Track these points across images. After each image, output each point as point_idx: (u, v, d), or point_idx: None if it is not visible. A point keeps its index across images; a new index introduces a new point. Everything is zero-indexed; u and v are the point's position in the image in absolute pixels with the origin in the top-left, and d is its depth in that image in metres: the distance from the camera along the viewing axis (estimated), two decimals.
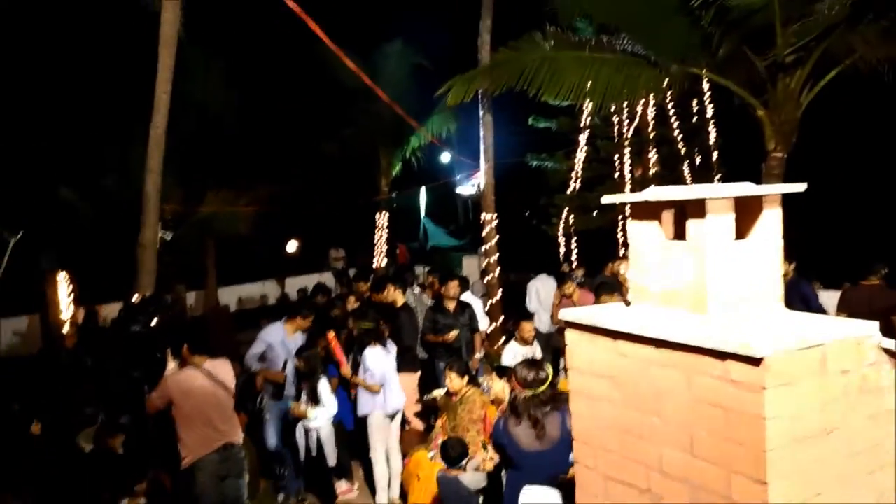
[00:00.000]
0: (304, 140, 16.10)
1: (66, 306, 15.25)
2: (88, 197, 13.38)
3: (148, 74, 9.80)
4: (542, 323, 9.58)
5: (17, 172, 14.09)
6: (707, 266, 2.19)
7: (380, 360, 6.67)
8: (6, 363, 13.48)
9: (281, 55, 15.46)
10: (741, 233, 2.27)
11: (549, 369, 4.32)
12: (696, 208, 2.20)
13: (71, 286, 15.33)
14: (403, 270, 11.81)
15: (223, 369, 5.60)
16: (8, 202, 14.08)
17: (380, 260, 17.77)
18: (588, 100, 8.93)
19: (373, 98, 12.41)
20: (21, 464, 5.85)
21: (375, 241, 18.09)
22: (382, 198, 18.15)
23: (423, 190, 23.83)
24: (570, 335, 2.56)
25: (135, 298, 9.03)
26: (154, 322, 7.01)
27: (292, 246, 20.70)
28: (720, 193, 2.19)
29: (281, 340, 7.11)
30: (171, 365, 5.67)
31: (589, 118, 14.72)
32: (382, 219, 18.28)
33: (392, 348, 6.96)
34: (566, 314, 2.56)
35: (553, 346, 9.12)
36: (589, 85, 8.10)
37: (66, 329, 14.72)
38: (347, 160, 17.04)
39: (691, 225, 2.24)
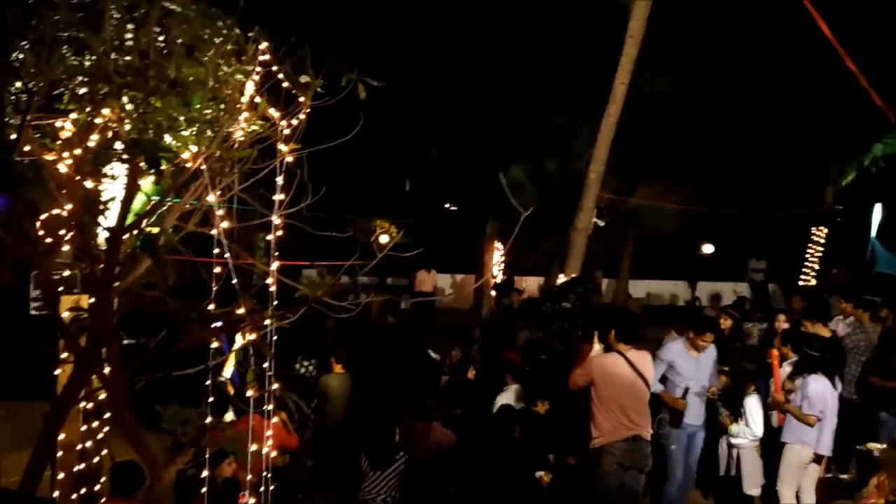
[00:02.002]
0: (737, 138, 15.01)
1: (496, 271, 17.29)
2: (533, 177, 14.70)
3: (604, 63, 10.18)
4: None
5: (477, 149, 16.17)
6: None
7: (824, 392, 5.93)
8: (449, 312, 15.86)
9: (737, 47, 14.50)
10: None
11: None
12: None
13: (503, 255, 17.29)
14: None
15: (645, 361, 5.69)
16: (468, 176, 16.40)
17: (809, 279, 15.74)
18: None
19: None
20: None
21: (808, 258, 16.05)
22: (826, 210, 15.98)
23: (877, 207, 20.20)
24: None
25: (561, 277, 9.60)
26: (580, 302, 7.30)
27: (708, 248, 19.77)
28: None
29: (684, 359, 6.31)
30: (597, 347, 5.89)
31: None
32: (820, 234, 16.11)
33: (839, 385, 6.09)
34: None
35: None
36: None
37: (492, 291, 16.67)
38: (787, 164, 15.37)
39: None
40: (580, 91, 13.16)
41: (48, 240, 3.17)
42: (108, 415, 3.78)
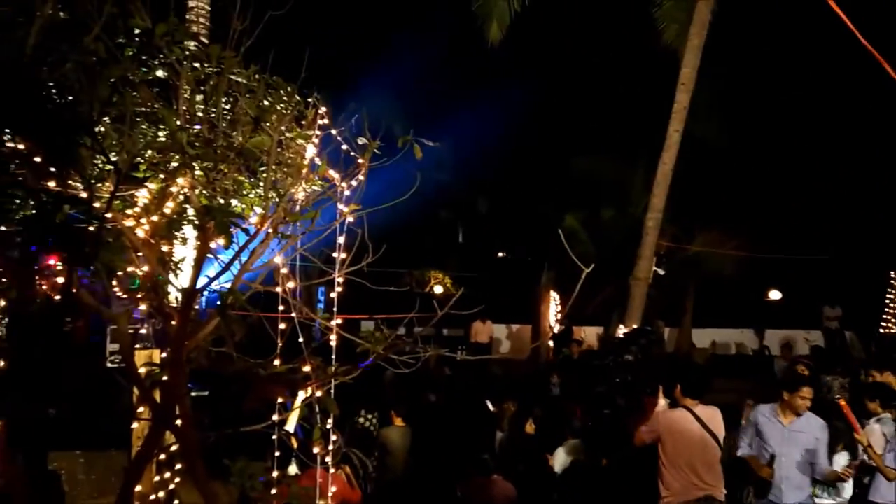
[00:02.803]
0: (807, 180, 14.64)
1: (552, 321, 17.14)
2: (588, 225, 14.65)
3: (657, 111, 10.20)
4: None
5: (530, 199, 16.23)
6: None
7: None
8: (504, 362, 15.72)
9: (800, 89, 14.29)
10: None
11: None
12: None
13: (559, 306, 17.14)
14: None
15: (714, 417, 5.41)
16: (524, 225, 16.46)
17: (891, 326, 14.98)
18: None
19: None
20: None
21: (888, 304, 15.32)
22: None
23: None
24: None
25: (621, 328, 9.43)
26: (642, 354, 7.14)
27: (775, 294, 19.11)
28: None
29: (770, 424, 5.59)
30: (662, 402, 5.67)
31: None
32: None
33: None
34: None
35: None
36: None
37: (549, 342, 16.48)
38: (860, 206, 14.86)
39: None
40: (634, 138, 13.17)
41: (124, 299, 3.36)
42: (179, 466, 3.88)
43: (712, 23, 9.89)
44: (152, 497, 3.90)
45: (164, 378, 3.40)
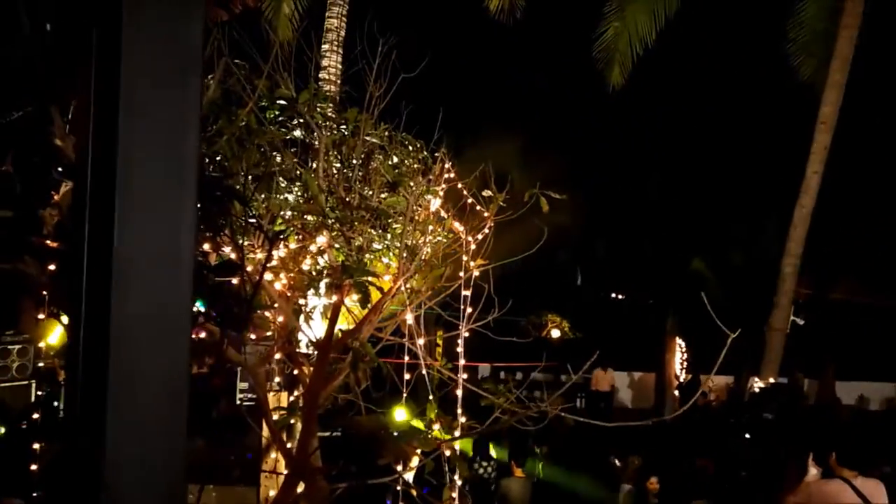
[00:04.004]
0: None
1: (678, 370, 16.31)
2: (717, 270, 13.92)
3: (790, 151, 9.62)
4: None
5: (656, 243, 15.68)
6: None
7: None
8: (627, 413, 15.08)
9: None
10: None
11: None
12: None
13: (685, 353, 16.30)
14: None
15: (878, 492, 4.76)
16: (646, 268, 15.89)
17: None
18: None
19: None
20: None
21: None
22: None
23: None
24: None
25: (756, 381, 8.81)
26: (784, 413, 6.60)
27: None
28: None
29: None
30: (813, 471, 5.14)
31: None
32: None
33: None
34: None
35: None
36: None
37: (675, 391, 15.67)
38: None
39: None
40: (767, 179, 12.48)
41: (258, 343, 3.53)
42: None
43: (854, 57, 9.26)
44: None
45: (292, 421, 3.55)
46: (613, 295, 20.71)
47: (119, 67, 1.08)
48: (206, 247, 2.39)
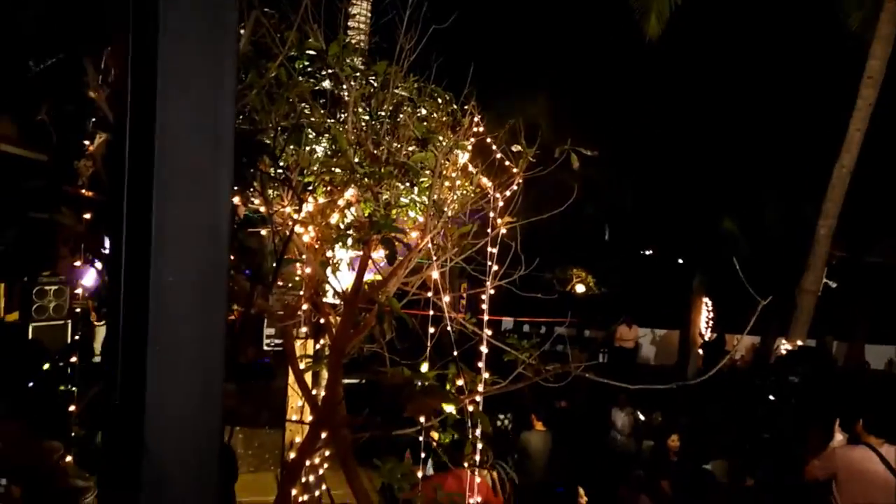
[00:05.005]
0: None
1: (703, 329, 16.22)
2: (748, 231, 13.67)
3: (830, 107, 9.29)
4: None
5: (687, 200, 15.40)
6: None
7: None
8: (650, 370, 15.11)
9: None
10: None
11: None
12: None
13: (711, 312, 16.17)
14: None
15: None
16: (675, 226, 15.67)
17: None
18: None
19: None
20: None
21: None
22: None
23: None
24: None
25: (783, 343, 8.73)
26: (811, 377, 6.55)
27: None
28: None
29: None
30: (839, 437, 5.10)
31: None
32: None
33: None
34: None
35: None
36: None
37: (699, 350, 15.62)
38: None
39: None
40: (805, 137, 12.10)
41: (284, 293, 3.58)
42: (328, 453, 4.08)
43: None
44: (302, 479, 4.13)
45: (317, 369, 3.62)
46: (641, 251, 20.53)
47: (157, 37, 1.08)
48: (236, 200, 2.40)
